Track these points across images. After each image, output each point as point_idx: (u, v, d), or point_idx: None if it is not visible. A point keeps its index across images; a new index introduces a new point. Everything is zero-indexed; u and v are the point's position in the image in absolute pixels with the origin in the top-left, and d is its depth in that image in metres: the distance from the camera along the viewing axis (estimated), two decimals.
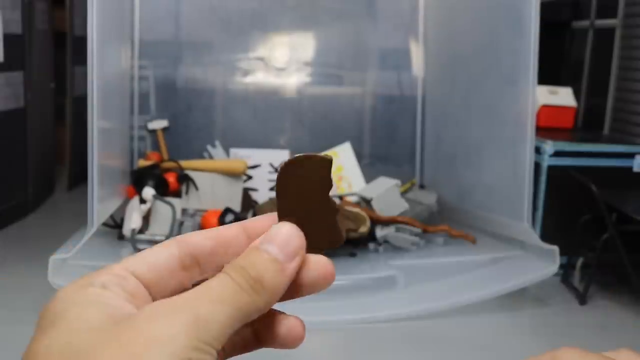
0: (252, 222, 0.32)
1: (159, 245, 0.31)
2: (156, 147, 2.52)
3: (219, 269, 0.30)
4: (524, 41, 1.88)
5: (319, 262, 0.31)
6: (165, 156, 2.49)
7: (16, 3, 2.94)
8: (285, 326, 0.31)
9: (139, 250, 1.29)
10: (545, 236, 2.38)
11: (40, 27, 3.29)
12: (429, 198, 2.62)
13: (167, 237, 2.06)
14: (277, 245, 0.30)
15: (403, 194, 2.55)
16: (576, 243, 2.48)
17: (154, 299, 0.29)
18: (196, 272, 0.31)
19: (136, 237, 2.35)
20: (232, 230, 0.31)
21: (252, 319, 0.28)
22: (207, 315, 0.26)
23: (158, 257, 0.30)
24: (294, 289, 0.31)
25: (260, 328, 0.31)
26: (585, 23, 3.28)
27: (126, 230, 2.39)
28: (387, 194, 2.46)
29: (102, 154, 1.99)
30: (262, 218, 0.32)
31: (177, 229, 2.42)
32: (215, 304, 0.26)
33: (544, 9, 1.80)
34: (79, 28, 3.56)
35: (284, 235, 0.30)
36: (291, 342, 0.31)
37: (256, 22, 2.59)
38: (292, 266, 0.30)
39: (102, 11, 1.66)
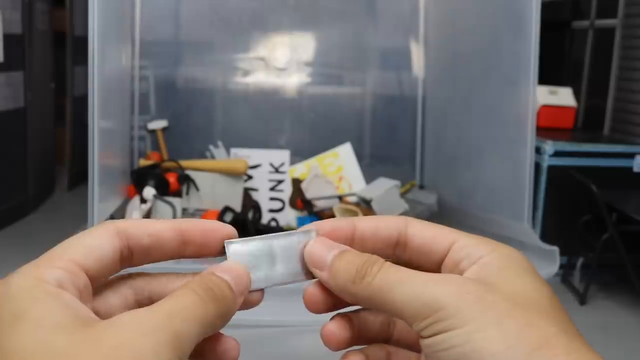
0: (187, 226, 0.32)
1: (98, 231, 0.30)
2: (156, 147, 2.52)
3: (146, 262, 0.31)
4: (525, 42, 1.88)
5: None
6: (165, 156, 2.49)
7: (16, 3, 2.95)
8: (223, 346, 0.32)
9: None
10: (545, 236, 2.38)
11: (40, 27, 3.29)
12: (429, 198, 2.62)
13: None
14: (232, 278, 0.31)
15: (403, 194, 2.55)
16: (576, 243, 2.48)
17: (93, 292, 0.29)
18: (127, 264, 0.32)
19: None
20: (169, 232, 0.32)
21: (208, 335, 0.29)
22: (183, 334, 0.27)
23: (104, 250, 0.30)
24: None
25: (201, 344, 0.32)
26: (585, 23, 3.28)
27: None
28: (387, 195, 2.46)
29: (103, 153, 1.99)
30: (197, 224, 0.32)
31: None
32: (190, 323, 0.27)
33: (544, 9, 1.80)
34: (79, 28, 3.56)
35: (237, 272, 0.31)
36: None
37: (256, 22, 2.59)
38: (239, 301, 0.31)
39: (103, 11, 1.66)
